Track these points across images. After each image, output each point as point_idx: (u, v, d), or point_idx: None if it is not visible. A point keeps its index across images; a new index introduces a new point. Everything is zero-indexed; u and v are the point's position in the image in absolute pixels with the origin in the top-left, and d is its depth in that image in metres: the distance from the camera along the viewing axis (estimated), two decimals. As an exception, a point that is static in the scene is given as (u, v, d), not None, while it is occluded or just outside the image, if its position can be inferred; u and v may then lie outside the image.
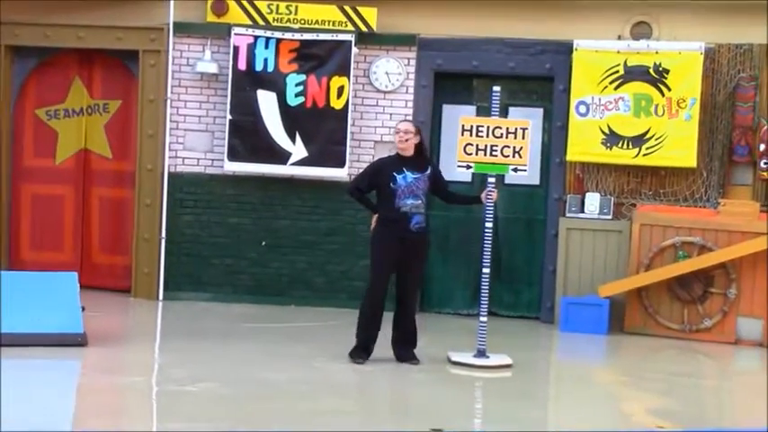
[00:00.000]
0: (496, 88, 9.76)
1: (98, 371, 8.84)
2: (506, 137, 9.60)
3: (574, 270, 12.12)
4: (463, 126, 9.65)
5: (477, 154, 9.60)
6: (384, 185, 9.42)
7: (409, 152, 9.51)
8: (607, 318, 11.64)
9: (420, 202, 9.41)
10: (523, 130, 9.65)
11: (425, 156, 9.72)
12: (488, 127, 9.62)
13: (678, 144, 11.84)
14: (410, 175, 9.38)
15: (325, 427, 7.43)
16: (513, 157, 9.61)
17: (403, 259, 9.41)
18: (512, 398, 8.77)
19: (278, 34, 12.21)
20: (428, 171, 9.51)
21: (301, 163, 12.26)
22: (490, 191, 9.66)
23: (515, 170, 9.68)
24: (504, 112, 11.45)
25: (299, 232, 12.51)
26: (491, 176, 9.71)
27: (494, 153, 9.59)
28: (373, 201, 9.63)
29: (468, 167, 9.69)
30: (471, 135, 9.61)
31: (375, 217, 9.57)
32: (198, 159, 12.55)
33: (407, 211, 9.33)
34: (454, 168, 9.93)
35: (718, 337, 11.53)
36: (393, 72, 12.46)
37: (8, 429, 6.66)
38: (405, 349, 9.59)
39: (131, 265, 12.58)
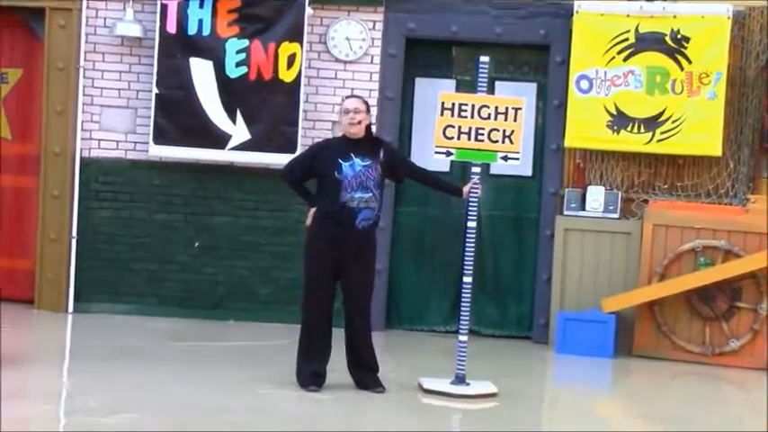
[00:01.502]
0: (484, 58, 9.70)
1: (-8, 400, 8.82)
2: (495, 118, 9.57)
3: (573, 280, 12.15)
4: (443, 104, 9.61)
5: (459, 138, 9.56)
6: (326, 175, 9.24)
7: (360, 134, 9.36)
8: (612, 337, 11.70)
9: (371, 194, 9.23)
10: (516, 110, 9.62)
11: (377, 138, 9.56)
12: (473, 105, 9.58)
13: (700, 128, 11.88)
14: (359, 163, 9.22)
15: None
16: (503, 142, 9.58)
17: (344, 265, 9.25)
18: (497, 435, 8.81)
19: (216, -9, 12.28)
20: (381, 156, 9.34)
21: (243, 147, 12.26)
22: (475, 183, 9.61)
23: (505, 158, 9.66)
24: (489, 88, 11.34)
25: (240, 231, 12.52)
26: (476, 166, 9.66)
27: (479, 137, 9.55)
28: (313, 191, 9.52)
29: (449, 154, 9.67)
30: (452, 115, 9.57)
31: (312, 212, 9.41)
32: (117, 142, 12.53)
33: (354, 206, 9.16)
34: (430, 155, 9.88)
35: (746, 361, 11.61)
36: (355, 38, 12.45)
37: None
38: (364, 375, 9.50)
39: (34, 271, 12.55)
